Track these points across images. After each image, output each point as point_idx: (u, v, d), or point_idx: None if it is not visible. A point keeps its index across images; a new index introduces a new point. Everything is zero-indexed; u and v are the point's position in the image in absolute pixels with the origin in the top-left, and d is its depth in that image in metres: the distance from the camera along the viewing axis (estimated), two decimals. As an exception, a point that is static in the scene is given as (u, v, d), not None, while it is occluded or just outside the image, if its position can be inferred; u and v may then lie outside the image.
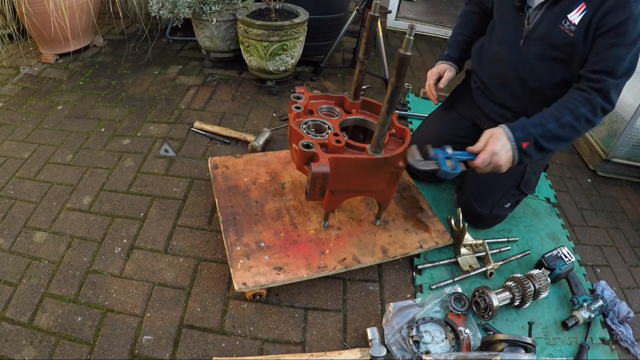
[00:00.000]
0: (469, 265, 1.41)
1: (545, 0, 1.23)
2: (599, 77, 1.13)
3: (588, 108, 1.14)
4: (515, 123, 1.19)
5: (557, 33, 1.21)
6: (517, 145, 1.16)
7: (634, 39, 1.10)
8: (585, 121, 1.16)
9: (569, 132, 1.16)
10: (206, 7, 2.14)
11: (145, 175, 1.69)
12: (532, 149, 1.17)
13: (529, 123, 1.17)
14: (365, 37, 1.25)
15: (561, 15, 1.19)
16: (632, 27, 1.08)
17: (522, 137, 1.16)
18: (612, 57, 1.12)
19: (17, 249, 1.37)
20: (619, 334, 1.27)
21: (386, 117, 1.06)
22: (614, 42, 1.11)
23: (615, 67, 1.12)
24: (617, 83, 1.13)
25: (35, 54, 2.52)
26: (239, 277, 1.19)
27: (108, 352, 1.11)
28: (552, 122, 1.16)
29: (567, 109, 1.16)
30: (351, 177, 1.18)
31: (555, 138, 1.17)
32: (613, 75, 1.12)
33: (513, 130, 1.17)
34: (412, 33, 0.90)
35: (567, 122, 1.15)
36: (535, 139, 1.16)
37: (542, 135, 1.16)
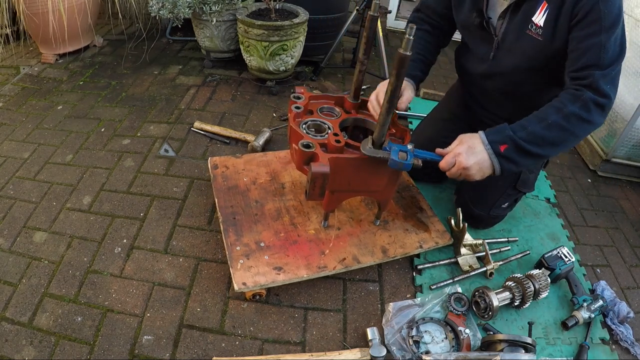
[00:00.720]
0: (469, 265, 1.41)
1: (506, 8, 1.17)
2: (584, 72, 1.05)
3: (578, 105, 1.04)
4: (493, 128, 1.12)
5: (526, 40, 1.15)
6: (494, 149, 1.09)
7: (612, 21, 1.00)
8: (577, 119, 1.05)
9: (558, 133, 1.07)
10: (206, 7, 2.14)
11: (145, 175, 1.69)
12: (514, 153, 1.08)
13: (508, 126, 1.10)
14: (365, 37, 1.25)
15: (526, 20, 1.14)
16: (604, 8, 0.99)
17: (497, 140, 1.09)
18: (593, 48, 1.02)
19: (17, 249, 1.37)
20: (619, 334, 1.26)
21: (386, 117, 1.06)
22: (591, 32, 1.02)
23: (599, 56, 1.02)
24: (606, 73, 1.03)
25: (35, 54, 2.52)
26: (239, 277, 1.19)
27: (108, 352, 1.11)
28: (536, 123, 1.08)
29: (553, 108, 1.08)
30: (351, 177, 1.18)
31: (543, 140, 1.07)
32: (599, 67, 1.02)
33: (487, 133, 1.11)
34: (412, 33, 0.90)
35: (554, 122, 1.06)
36: (514, 142, 1.07)
37: (523, 138, 1.07)
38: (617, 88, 1.07)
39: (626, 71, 1.89)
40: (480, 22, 1.24)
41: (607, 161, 2.00)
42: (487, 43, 1.28)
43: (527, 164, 1.13)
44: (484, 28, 1.25)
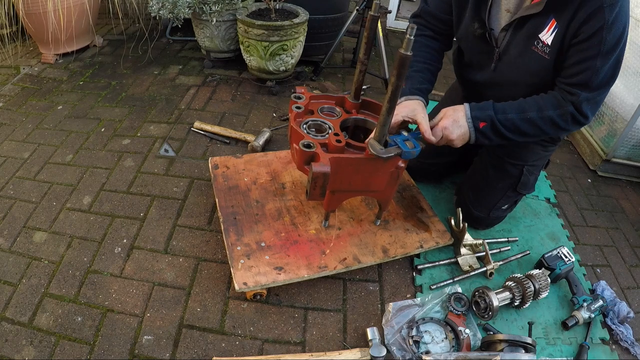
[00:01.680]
0: (469, 265, 1.41)
1: (511, 22, 1.15)
2: (573, 89, 1.09)
3: (558, 112, 1.12)
4: (479, 104, 1.19)
5: (531, 56, 1.14)
6: (474, 123, 1.17)
7: (610, 48, 1.02)
8: (551, 123, 1.13)
9: (530, 127, 1.15)
10: (206, 7, 2.14)
11: (145, 175, 1.69)
12: (490, 131, 1.17)
13: (492, 106, 1.17)
14: (366, 37, 1.25)
15: (532, 35, 1.12)
16: (607, 35, 1.00)
17: (479, 117, 1.17)
18: (587, 70, 1.05)
19: (17, 249, 1.37)
20: (619, 334, 1.27)
21: (386, 117, 1.06)
22: (590, 54, 1.04)
23: (590, 79, 1.06)
24: (591, 96, 1.08)
25: (35, 54, 2.52)
26: (240, 277, 1.19)
27: (108, 352, 1.11)
28: (515, 113, 1.15)
29: (536, 105, 1.14)
30: (352, 177, 1.18)
31: (516, 129, 1.16)
32: (587, 89, 1.07)
33: (472, 108, 1.18)
34: (412, 33, 0.90)
35: (531, 118, 1.13)
36: (492, 122, 1.16)
37: (501, 121, 1.15)
38: (596, 111, 1.14)
39: (626, 71, 1.89)
40: (482, 33, 1.22)
41: (607, 161, 2.00)
42: (486, 54, 1.26)
43: (497, 141, 1.21)
44: (485, 39, 1.23)
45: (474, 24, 1.23)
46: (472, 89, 1.44)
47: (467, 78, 1.43)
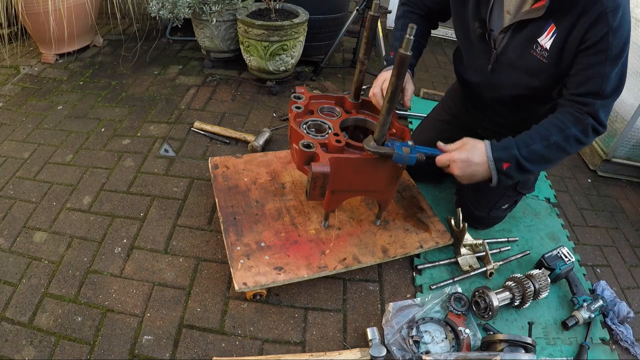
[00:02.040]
0: (469, 265, 1.41)
1: (510, 24, 1.14)
2: (586, 99, 1.06)
3: (579, 128, 1.07)
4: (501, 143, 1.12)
5: (529, 59, 1.14)
6: (497, 166, 1.10)
7: (617, 53, 1.01)
8: (575, 141, 1.09)
9: (556, 152, 1.10)
10: (206, 7, 2.14)
11: (145, 175, 1.69)
12: (515, 170, 1.11)
13: (514, 144, 1.10)
14: (365, 37, 1.25)
15: (531, 39, 1.12)
16: (612, 40, 0.99)
17: (502, 158, 1.10)
18: (597, 77, 1.03)
19: (17, 249, 1.37)
20: (619, 334, 1.27)
21: (386, 117, 1.06)
22: (597, 60, 1.02)
23: (602, 87, 1.04)
24: (605, 103, 1.06)
25: (35, 54, 2.52)
26: (240, 277, 1.19)
27: (108, 352, 1.11)
28: (539, 141, 1.08)
29: (556, 127, 1.08)
30: (351, 177, 1.18)
31: (541, 159, 1.10)
32: (600, 96, 1.05)
33: (494, 148, 1.11)
34: (412, 33, 0.90)
35: (555, 142, 1.08)
36: (517, 161, 1.09)
37: (526, 157, 1.09)
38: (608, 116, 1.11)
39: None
40: (482, 33, 1.21)
41: (607, 161, 2.00)
42: (484, 55, 1.25)
43: (520, 178, 1.17)
44: (484, 39, 1.22)
45: (474, 23, 1.22)
46: (471, 90, 1.44)
47: (466, 78, 1.42)
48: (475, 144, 1.13)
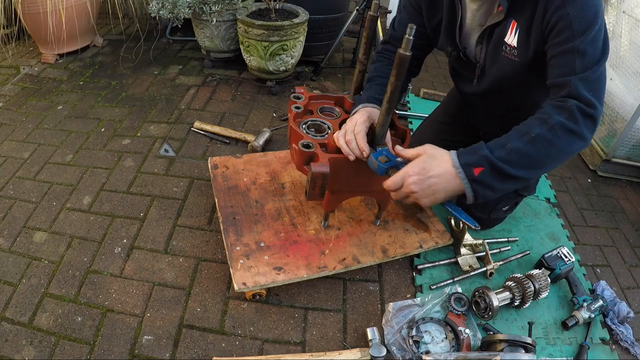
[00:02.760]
0: (469, 265, 1.41)
1: (481, 35, 1.14)
2: (560, 80, 0.94)
3: (565, 115, 0.91)
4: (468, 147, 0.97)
5: (501, 62, 1.12)
6: (467, 172, 0.93)
7: (587, 24, 0.90)
8: (563, 130, 0.91)
9: (542, 148, 0.91)
10: (206, 7, 2.14)
11: (145, 175, 1.69)
12: (491, 176, 0.92)
13: (484, 145, 0.95)
14: (365, 37, 1.25)
15: (500, 42, 1.10)
16: (574, 12, 0.90)
17: (471, 162, 0.93)
18: (567, 55, 0.93)
19: (17, 249, 1.37)
20: (619, 334, 1.26)
21: (386, 117, 1.05)
22: (563, 39, 0.93)
23: (574, 62, 0.92)
24: (584, 77, 0.91)
25: (35, 54, 2.52)
26: (239, 277, 1.19)
27: (108, 352, 1.11)
28: (517, 138, 0.93)
29: (537, 120, 0.94)
30: (351, 177, 1.18)
31: (525, 158, 0.92)
32: (575, 72, 0.92)
33: (460, 154, 0.95)
34: (412, 33, 0.90)
35: (539, 134, 0.91)
36: (491, 163, 0.91)
37: (504, 157, 0.91)
38: (601, 95, 0.94)
39: (626, 71, 1.89)
40: (457, 54, 1.24)
41: (607, 161, 2.00)
42: (469, 69, 1.27)
43: (505, 188, 0.96)
44: (462, 58, 1.25)
45: (447, 48, 1.26)
46: (465, 98, 1.47)
47: (459, 88, 1.46)
48: (434, 152, 0.98)
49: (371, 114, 1.15)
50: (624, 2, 1.91)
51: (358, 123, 1.11)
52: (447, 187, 0.96)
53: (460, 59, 1.27)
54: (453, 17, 1.19)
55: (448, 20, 1.21)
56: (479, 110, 1.46)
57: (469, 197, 0.96)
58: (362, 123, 1.10)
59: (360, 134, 1.08)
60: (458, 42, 1.22)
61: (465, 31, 1.21)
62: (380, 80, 1.26)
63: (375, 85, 1.25)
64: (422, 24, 1.28)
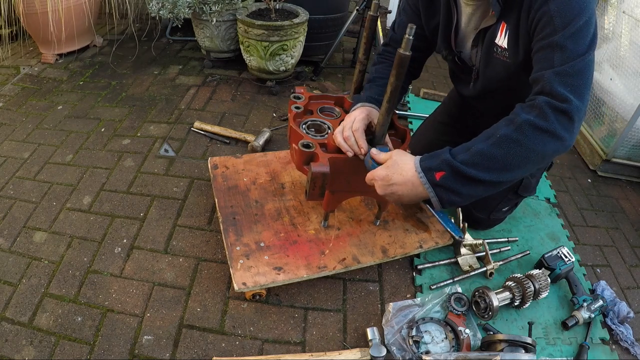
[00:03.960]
0: (469, 265, 1.41)
1: (475, 38, 1.15)
2: (536, 75, 0.92)
3: (534, 113, 0.87)
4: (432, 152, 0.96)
5: (494, 64, 1.13)
6: (428, 177, 0.92)
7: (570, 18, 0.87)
8: (532, 129, 0.86)
9: (510, 149, 0.87)
10: (206, 7, 2.14)
11: (145, 175, 1.69)
12: (453, 180, 0.90)
13: (448, 149, 0.94)
14: (365, 37, 1.25)
15: (491, 44, 1.10)
16: (555, 7, 0.88)
17: (433, 167, 0.92)
18: (545, 50, 0.90)
19: (17, 249, 1.37)
20: (619, 334, 1.26)
21: (386, 117, 1.06)
22: (544, 35, 0.91)
23: (553, 56, 0.88)
24: (559, 70, 0.87)
25: (35, 54, 2.52)
26: (239, 277, 1.19)
27: (108, 352, 1.11)
28: (482, 141, 0.90)
29: (504, 121, 0.91)
30: (351, 177, 1.18)
31: (490, 160, 0.88)
32: (552, 66, 0.88)
33: (422, 159, 0.95)
34: (411, 33, 0.90)
35: (504, 135, 0.88)
36: (452, 167, 0.90)
37: (467, 160, 0.89)
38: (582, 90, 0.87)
39: (626, 71, 1.89)
40: (453, 58, 1.25)
41: (607, 161, 2.00)
42: (466, 72, 1.28)
43: (473, 193, 0.92)
44: (458, 62, 1.26)
45: (443, 51, 1.27)
46: (464, 100, 1.48)
47: (458, 90, 1.47)
48: (397, 159, 0.98)
49: (370, 112, 1.16)
50: (624, 2, 1.91)
51: (356, 120, 1.12)
52: (411, 192, 0.97)
53: (456, 62, 1.27)
54: (449, 21, 1.19)
55: (444, 24, 1.21)
56: (478, 112, 1.46)
57: (434, 203, 0.95)
58: (360, 120, 1.11)
59: (358, 131, 1.09)
60: (453, 46, 1.23)
61: (461, 35, 1.21)
62: (380, 82, 1.26)
63: (375, 86, 1.26)
64: (421, 27, 1.29)
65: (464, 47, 1.23)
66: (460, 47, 1.23)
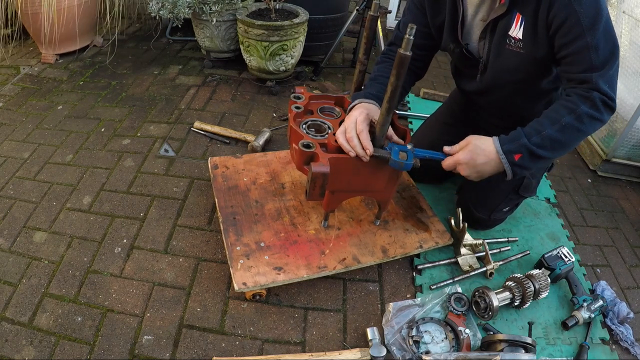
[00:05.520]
0: (469, 265, 1.41)
1: (484, 30, 1.16)
2: (582, 76, 1.04)
3: (589, 104, 1.03)
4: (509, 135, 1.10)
5: (506, 55, 1.15)
6: (509, 159, 1.09)
7: (593, 19, 0.97)
8: (589, 118, 1.04)
9: (570, 134, 1.05)
10: (206, 7, 2.14)
11: (145, 175, 1.69)
12: (528, 160, 1.08)
13: (522, 132, 1.08)
14: (365, 37, 1.25)
15: (504, 35, 1.13)
16: (580, 8, 0.97)
17: (512, 150, 1.08)
18: (583, 52, 1.00)
19: (17, 249, 1.37)
20: (619, 334, 1.26)
21: (386, 117, 1.06)
22: (575, 35, 0.99)
23: (591, 58, 1.00)
24: (602, 73, 1.01)
25: (35, 54, 2.52)
26: (239, 277, 1.19)
27: (108, 352, 1.11)
28: (550, 126, 1.06)
29: (566, 109, 1.05)
30: (351, 177, 1.18)
31: (556, 143, 1.06)
32: (595, 68, 1.01)
33: (502, 142, 1.10)
34: (412, 33, 0.90)
35: (568, 123, 1.04)
36: (529, 150, 1.07)
37: (538, 144, 1.06)
38: (616, 87, 1.05)
39: (626, 71, 1.89)
40: (460, 50, 1.25)
41: (607, 161, 2.00)
42: (472, 65, 1.28)
43: (538, 167, 1.15)
44: (465, 54, 1.26)
45: (450, 45, 1.27)
46: (466, 96, 1.48)
47: (461, 87, 1.47)
48: (478, 143, 1.12)
49: (369, 110, 1.16)
50: (624, 2, 1.91)
51: (359, 122, 1.12)
52: (492, 169, 1.13)
53: (463, 55, 1.27)
54: (455, 13, 1.20)
55: (450, 17, 1.21)
56: (481, 110, 1.46)
57: (509, 175, 1.12)
58: (362, 121, 1.12)
59: (363, 133, 1.10)
60: (460, 38, 1.23)
61: (467, 27, 1.21)
62: (382, 80, 1.27)
63: (377, 83, 1.27)
64: (426, 24, 1.29)
65: (471, 40, 1.23)
66: (467, 39, 1.23)
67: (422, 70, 1.41)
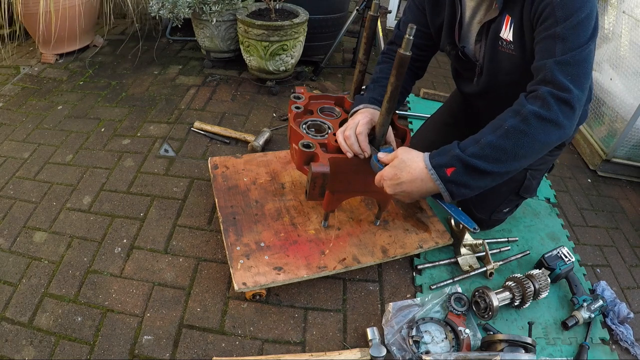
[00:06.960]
0: (469, 265, 1.41)
1: (479, 32, 1.15)
2: (538, 64, 0.93)
3: (537, 103, 0.89)
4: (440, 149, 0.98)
5: (499, 57, 1.13)
6: (439, 174, 0.94)
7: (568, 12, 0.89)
8: (537, 120, 0.88)
9: (517, 139, 0.89)
10: (206, 7, 2.14)
11: (145, 175, 1.69)
12: (465, 175, 0.92)
13: (456, 144, 0.96)
14: (365, 37, 1.25)
15: (496, 37, 1.10)
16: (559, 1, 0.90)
17: (443, 163, 0.94)
18: (548, 40, 0.92)
19: (17, 249, 1.37)
20: (619, 334, 1.26)
21: (386, 117, 1.06)
22: (546, 27, 0.93)
23: (554, 47, 0.90)
24: (560, 60, 0.89)
25: (35, 54, 2.52)
26: (239, 277, 1.19)
27: (108, 352, 1.11)
28: (490, 133, 0.92)
29: (509, 112, 0.93)
30: (351, 177, 1.18)
31: (500, 151, 0.90)
32: (553, 56, 0.90)
33: (432, 155, 0.97)
34: (412, 33, 0.90)
35: (512, 126, 0.90)
36: (463, 162, 0.91)
37: (477, 153, 0.91)
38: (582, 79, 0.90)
39: (626, 71, 1.89)
40: (456, 53, 1.25)
41: (607, 161, 2.00)
42: (470, 68, 1.28)
43: (482, 185, 0.95)
44: (462, 57, 1.25)
45: (447, 47, 1.26)
46: (466, 99, 1.48)
47: (461, 89, 1.46)
48: (405, 158, 0.99)
49: (373, 115, 1.16)
50: (624, 2, 1.91)
51: (360, 124, 1.11)
52: (421, 189, 0.99)
53: (460, 58, 1.27)
54: (453, 15, 1.20)
55: (448, 18, 1.21)
56: (480, 111, 1.46)
57: (445, 197, 0.98)
58: (364, 124, 1.11)
59: (362, 134, 1.10)
60: (457, 40, 1.23)
61: (464, 29, 1.21)
62: (384, 82, 1.26)
63: (379, 86, 1.26)
64: (426, 25, 1.29)
65: (468, 42, 1.22)
66: (464, 42, 1.23)
67: (421, 71, 1.41)
